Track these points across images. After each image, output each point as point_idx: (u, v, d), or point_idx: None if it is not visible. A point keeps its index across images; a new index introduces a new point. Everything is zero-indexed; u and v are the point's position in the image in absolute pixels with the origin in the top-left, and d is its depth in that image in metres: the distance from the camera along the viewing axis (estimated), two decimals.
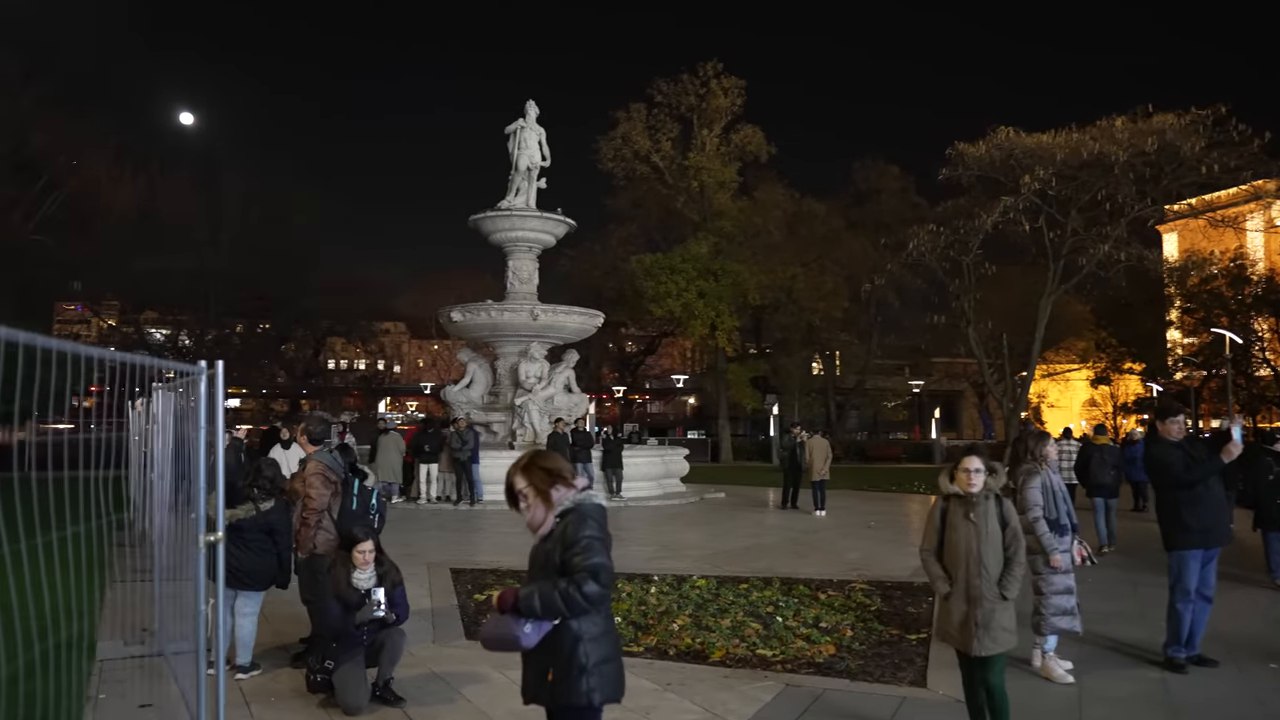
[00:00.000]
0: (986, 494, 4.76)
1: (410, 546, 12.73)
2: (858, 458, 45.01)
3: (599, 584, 3.08)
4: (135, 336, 43.40)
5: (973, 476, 4.74)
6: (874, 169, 47.71)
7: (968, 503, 4.76)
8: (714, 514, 17.46)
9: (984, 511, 4.74)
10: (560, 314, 21.15)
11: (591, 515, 3.23)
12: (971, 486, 4.74)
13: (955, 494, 4.83)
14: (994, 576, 4.71)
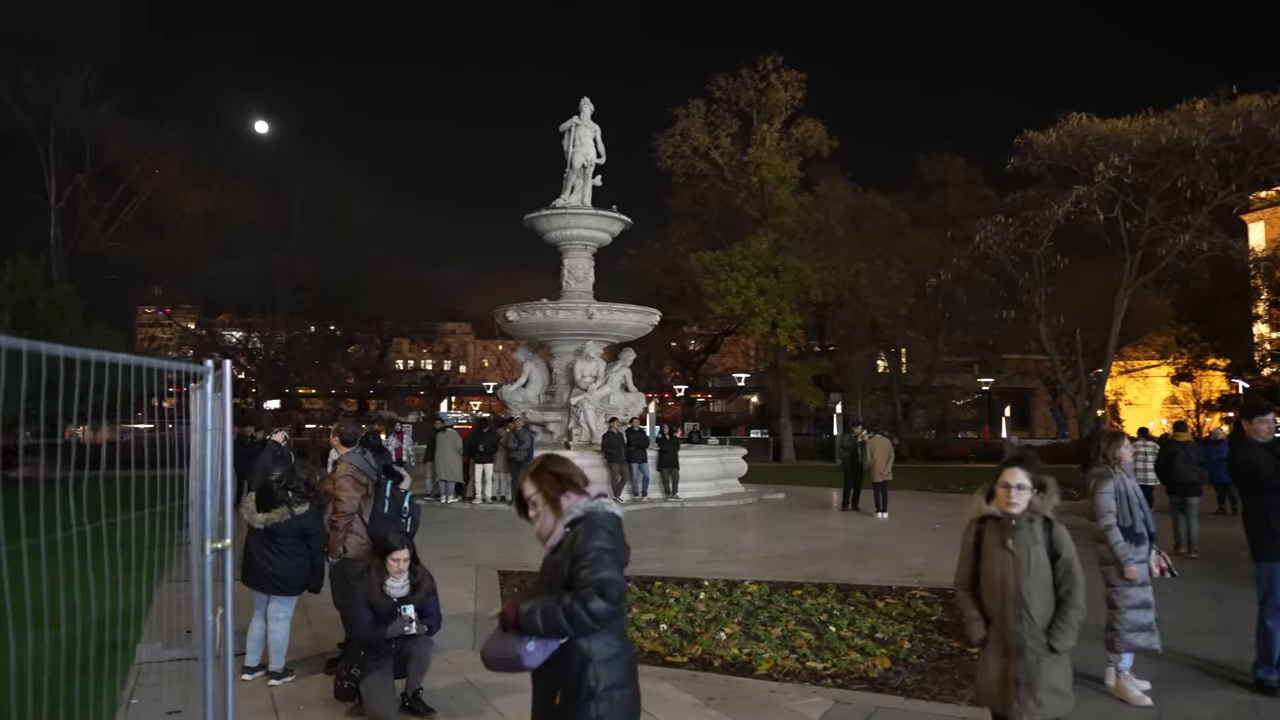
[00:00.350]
0: (1031, 516, 3.88)
1: (461, 547, 12.63)
2: (924, 457, 43.86)
3: (606, 600, 2.81)
4: (209, 339, 44.57)
5: (1013, 494, 3.85)
6: (939, 161, 46.47)
7: (1005, 527, 3.89)
8: (772, 515, 17.05)
9: (1026, 538, 3.85)
10: (616, 312, 20.92)
11: (603, 525, 2.97)
12: (1011, 506, 3.85)
13: (992, 515, 3.97)
14: (1040, 622, 3.81)
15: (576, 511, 3.01)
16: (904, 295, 40.01)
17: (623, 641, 3.00)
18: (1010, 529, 3.90)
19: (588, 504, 3.03)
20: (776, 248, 39.48)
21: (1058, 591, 3.86)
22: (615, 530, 2.99)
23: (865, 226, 42.68)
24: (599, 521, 2.97)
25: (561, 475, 3.09)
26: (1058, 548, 3.89)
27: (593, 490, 3.09)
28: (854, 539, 13.58)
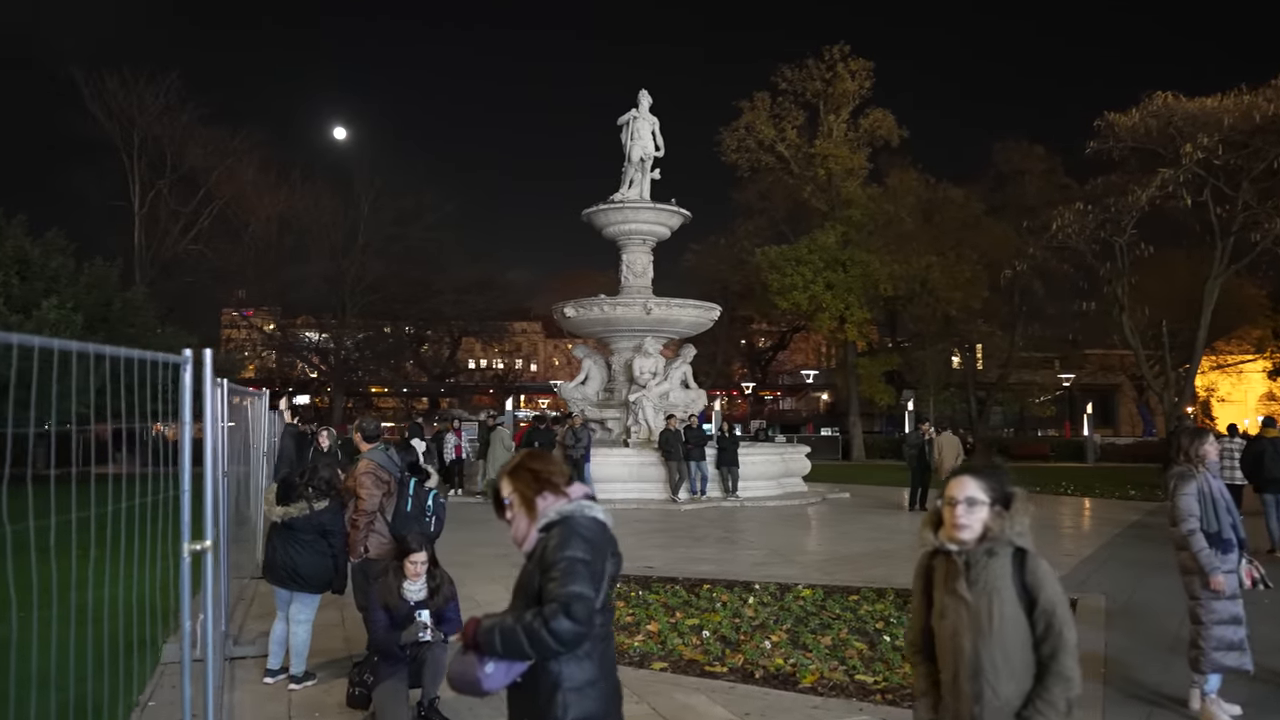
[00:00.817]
0: (992, 548, 2.68)
1: (503, 546, 12.39)
2: (1001, 456, 42.42)
3: (572, 620, 2.43)
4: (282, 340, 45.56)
5: (961, 514, 2.69)
6: (1016, 150, 44.78)
7: (954, 565, 2.73)
8: (834, 516, 16.46)
9: (986, 580, 2.66)
10: (674, 307, 20.53)
11: (581, 531, 2.60)
12: (959, 531, 2.70)
13: (942, 549, 2.80)
14: (1009, 700, 2.63)
15: (551, 515, 2.65)
16: (978, 288, 38.73)
17: (602, 666, 2.62)
18: (961, 568, 2.71)
19: (565, 507, 2.66)
20: (844, 241, 38.61)
21: (1037, 653, 2.64)
22: (596, 537, 2.61)
23: (937, 218, 41.47)
24: (577, 527, 2.60)
25: (540, 473, 2.74)
26: (1034, 590, 2.65)
27: (575, 491, 2.73)
28: None
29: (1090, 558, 11.53)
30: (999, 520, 2.70)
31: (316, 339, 43.26)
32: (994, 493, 2.72)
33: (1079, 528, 15.84)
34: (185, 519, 3.55)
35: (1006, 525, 2.69)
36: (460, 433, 19.72)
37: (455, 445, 19.32)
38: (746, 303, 47.85)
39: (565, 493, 2.71)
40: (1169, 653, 6.69)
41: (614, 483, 17.98)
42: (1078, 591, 9.20)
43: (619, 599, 8.70)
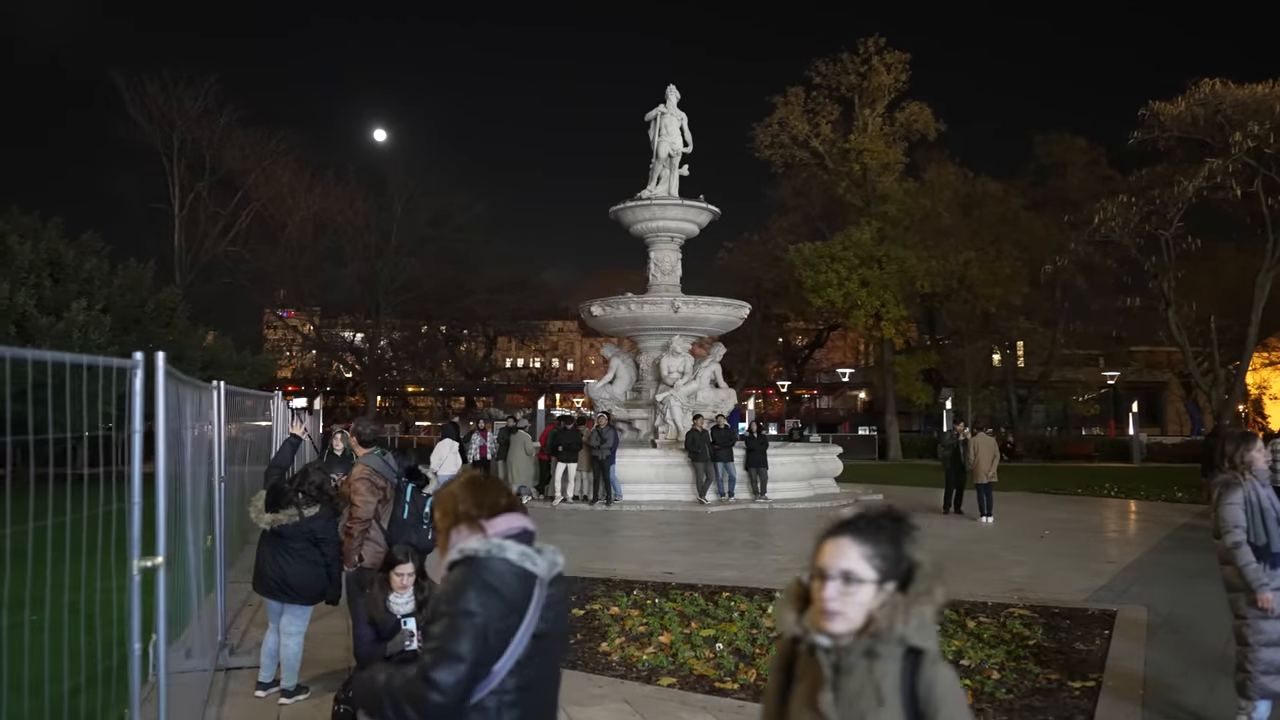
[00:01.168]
0: (874, 647, 1.85)
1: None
2: (1042, 456, 41.44)
3: (435, 690, 2.00)
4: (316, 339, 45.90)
5: (831, 595, 1.85)
6: (1058, 142, 43.69)
7: (819, 667, 1.88)
8: None
9: (861, 694, 1.84)
10: (703, 305, 20.18)
11: (485, 578, 2.12)
12: (828, 621, 1.85)
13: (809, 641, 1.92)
14: None
15: (454, 553, 2.22)
16: (1018, 284, 37.86)
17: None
18: (827, 673, 1.86)
19: (473, 544, 2.20)
20: (880, 237, 37.93)
21: None
22: (506, 587, 2.11)
23: (976, 213, 40.61)
24: (481, 572, 2.13)
25: (459, 500, 2.31)
26: (928, 712, 1.82)
27: (496, 525, 2.24)
28: (952, 546, 12.49)
29: (1132, 565, 11.01)
30: (890, 607, 1.81)
31: (351, 339, 43.51)
32: (885, 564, 1.84)
33: (1122, 532, 15.26)
34: (134, 534, 3.32)
35: (899, 615, 1.81)
36: (486, 433, 19.55)
37: (480, 446, 19.17)
38: (781, 301, 47.32)
39: (482, 526, 2.23)
40: (1215, 672, 6.26)
41: (640, 484, 17.70)
42: (1118, 602, 8.74)
43: (635, 608, 8.42)
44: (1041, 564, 11.02)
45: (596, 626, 7.79)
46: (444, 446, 14.53)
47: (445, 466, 14.30)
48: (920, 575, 1.88)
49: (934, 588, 1.89)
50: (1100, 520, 16.20)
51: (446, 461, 14.35)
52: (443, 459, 14.38)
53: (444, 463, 14.34)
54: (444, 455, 14.40)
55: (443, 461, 14.37)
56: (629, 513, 16.40)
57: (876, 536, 1.90)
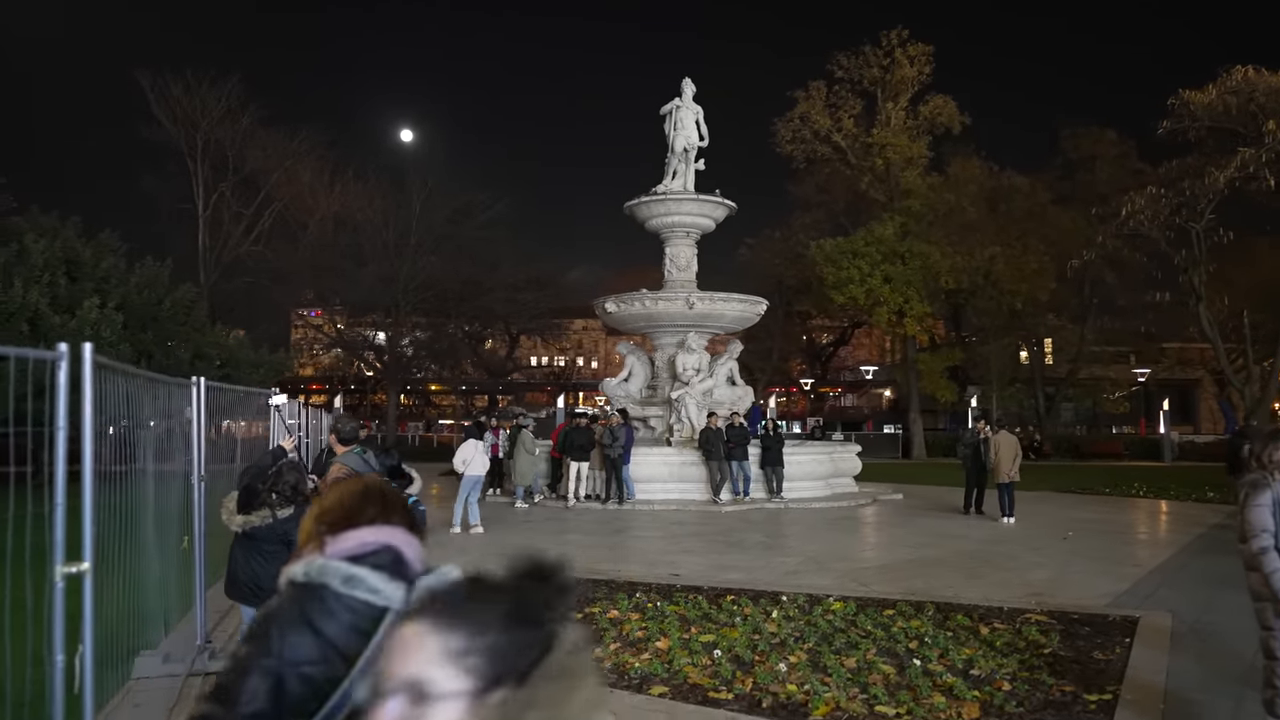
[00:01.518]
0: None
1: (529, 550, 11.90)
2: (1071, 454, 40.71)
3: None
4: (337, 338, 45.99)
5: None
6: (1085, 136, 42.86)
7: None
8: (883, 519, 15.64)
9: None
10: (718, 302, 19.85)
11: (305, 608, 1.65)
12: None
13: None
14: None
15: (290, 573, 1.74)
16: (1045, 280, 37.17)
17: None
18: None
19: (302, 566, 1.71)
20: (903, 232, 37.37)
21: None
22: (328, 620, 1.63)
23: (1001, 208, 39.94)
24: (303, 600, 1.66)
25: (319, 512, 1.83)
26: None
27: (342, 543, 1.73)
28: (970, 547, 12.10)
29: (1159, 568, 10.57)
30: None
31: (372, 337, 43.58)
32: (490, 661, 1.05)
33: (1151, 533, 14.77)
34: (57, 538, 3.08)
35: None
36: (498, 431, 19.27)
37: (493, 444, 18.89)
38: (803, 298, 46.80)
39: (324, 543, 1.74)
40: (1242, 686, 5.87)
41: (654, 483, 17.43)
42: (1141, 607, 8.34)
43: (635, 611, 8.15)
44: (1063, 567, 10.61)
45: (592, 631, 7.52)
46: (468, 447, 14.22)
47: (471, 467, 14.00)
48: (555, 668, 1.07)
49: (562, 695, 1.06)
50: (1127, 521, 15.70)
51: (473, 462, 14.02)
52: (467, 460, 14.05)
53: (469, 464, 14.01)
54: (468, 456, 14.05)
55: (467, 463, 14.04)
56: (641, 512, 16.13)
57: (480, 618, 1.09)
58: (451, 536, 13.54)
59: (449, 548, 11.95)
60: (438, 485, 22.53)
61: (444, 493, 18.89)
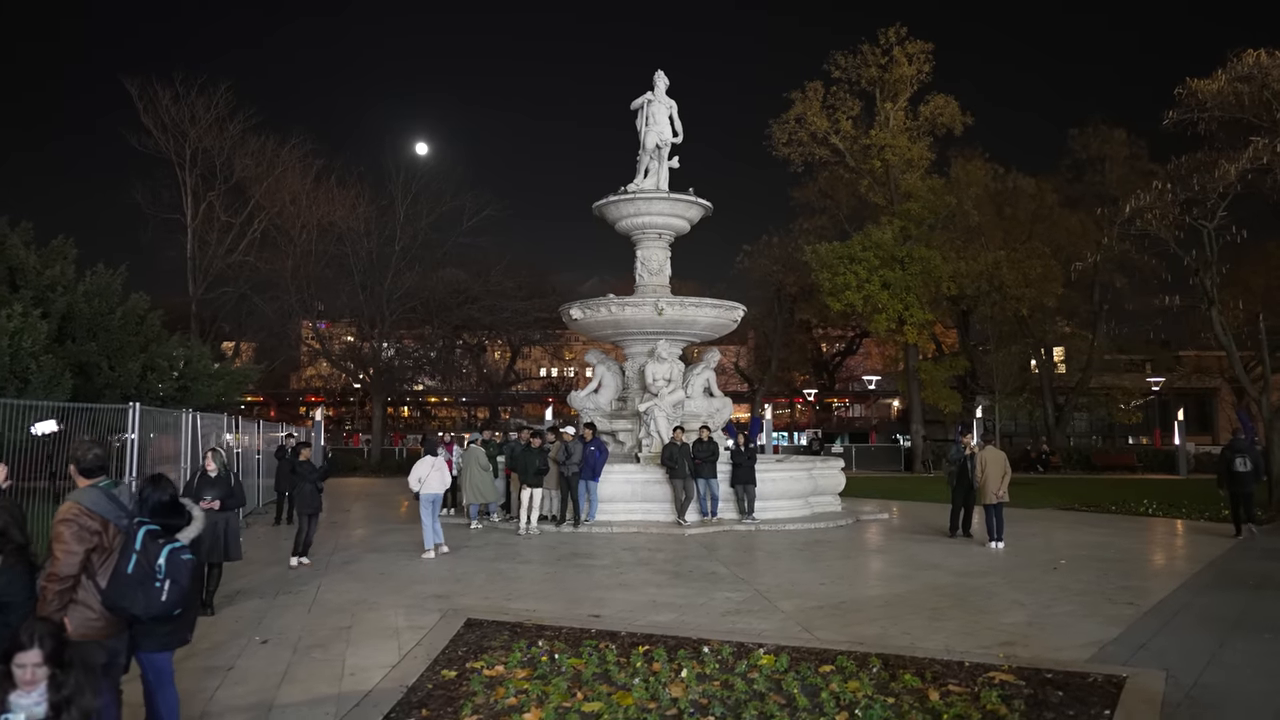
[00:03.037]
0: None
1: (459, 583, 10.63)
2: (1081, 467, 39.13)
3: None
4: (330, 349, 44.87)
5: None
6: (1095, 135, 41.51)
7: None
8: (858, 543, 14.24)
9: None
10: (689, 307, 18.53)
11: None
12: None
13: None
14: None
15: None
16: (1052, 285, 35.70)
17: None
18: None
19: None
20: (903, 236, 35.95)
21: None
22: None
23: (1007, 211, 38.57)
24: None
25: None
26: None
27: None
28: (945, 580, 10.71)
29: (1157, 608, 9.16)
30: None
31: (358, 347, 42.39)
32: None
33: (1150, 561, 13.31)
34: None
35: None
36: (452, 448, 17.96)
37: (447, 460, 17.51)
38: (805, 305, 45.49)
39: None
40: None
41: (616, 503, 16.12)
42: (1131, 662, 6.96)
43: (525, 666, 6.84)
44: (1047, 605, 9.21)
45: (455, 695, 6.22)
46: (423, 464, 13.10)
47: (427, 485, 12.95)
48: None
49: None
50: (1130, 545, 14.23)
51: (428, 480, 12.95)
52: (421, 477, 12.99)
53: (425, 481, 12.96)
54: (423, 473, 13.00)
55: (422, 480, 12.97)
56: (597, 536, 14.81)
57: None
58: (424, 561, 12.32)
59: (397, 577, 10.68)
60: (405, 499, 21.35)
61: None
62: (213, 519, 8.70)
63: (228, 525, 8.70)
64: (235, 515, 8.91)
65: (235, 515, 8.91)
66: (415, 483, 13.00)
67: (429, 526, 12.73)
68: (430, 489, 12.92)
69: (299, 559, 11.50)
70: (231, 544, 8.76)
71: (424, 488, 12.90)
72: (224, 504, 8.71)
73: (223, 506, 8.71)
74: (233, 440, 17.38)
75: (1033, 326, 40.82)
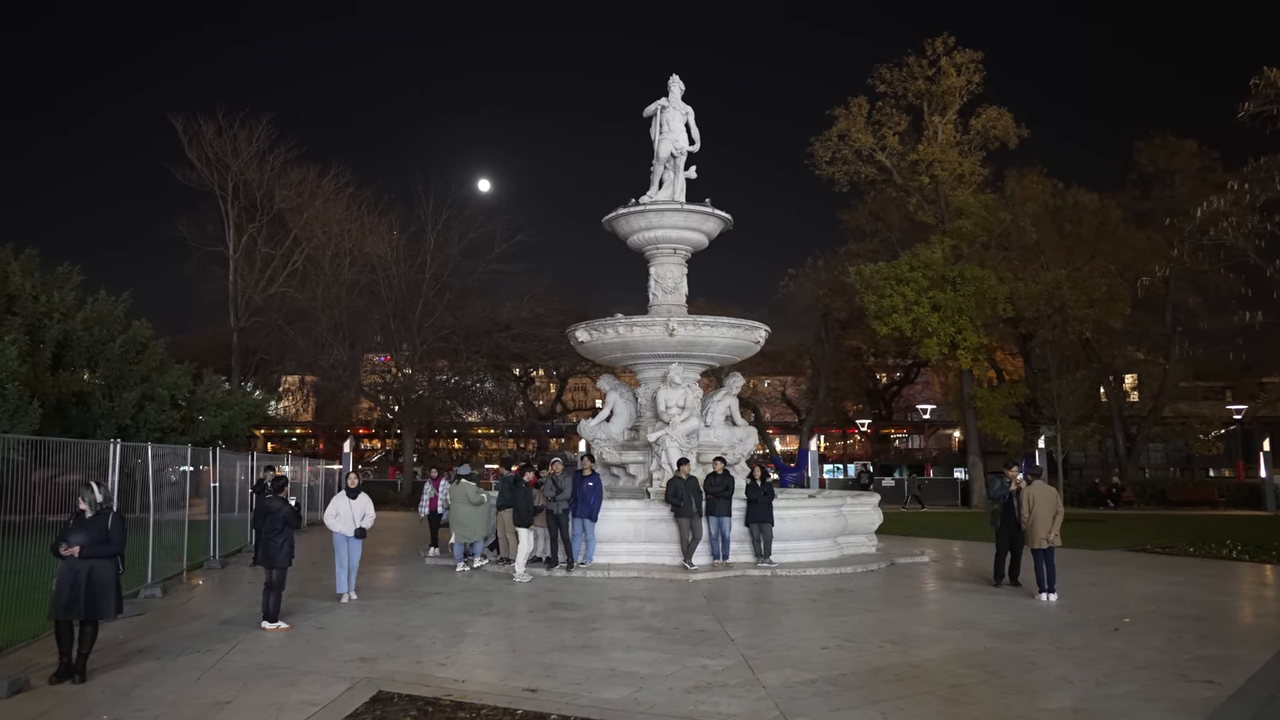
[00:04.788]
0: None
1: (389, 640, 9.12)
2: (1156, 502, 36.19)
3: None
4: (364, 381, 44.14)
5: None
6: (1162, 147, 38.83)
7: None
8: (884, 593, 12.32)
9: None
10: (704, 327, 16.88)
11: None
12: None
13: None
14: None
15: None
16: (1118, 305, 33.11)
17: None
18: None
19: None
20: (955, 255, 33.82)
21: None
22: None
23: (1067, 228, 36.09)
24: None
25: None
26: None
27: None
28: (978, 645, 8.84)
29: (1247, 688, 7.20)
30: None
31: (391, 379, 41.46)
32: None
33: (1235, 619, 11.15)
34: None
35: None
36: (438, 483, 16.48)
37: (431, 498, 16.09)
38: (854, 331, 43.36)
39: None
40: None
41: (617, 543, 14.50)
42: None
43: None
44: (1101, 683, 7.31)
45: None
46: (339, 500, 11.76)
47: (339, 523, 11.59)
48: None
49: None
50: (1210, 598, 12.08)
51: (341, 517, 11.60)
52: (339, 513, 11.64)
53: (340, 517, 11.61)
54: (340, 509, 11.66)
55: (339, 515, 11.63)
56: (591, 581, 13.18)
57: None
58: (334, 609, 10.95)
59: (334, 633, 9.22)
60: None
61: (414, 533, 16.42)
62: (74, 568, 7.36)
63: (91, 576, 7.30)
64: (109, 564, 7.50)
65: (109, 564, 7.50)
66: (331, 519, 11.75)
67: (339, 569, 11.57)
68: (340, 527, 11.60)
69: (272, 624, 9.72)
70: (100, 598, 7.36)
71: (337, 524, 11.62)
72: (88, 551, 7.33)
73: (88, 554, 7.33)
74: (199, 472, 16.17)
75: (1100, 350, 38.10)
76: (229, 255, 41.72)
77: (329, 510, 11.82)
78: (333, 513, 11.74)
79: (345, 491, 11.79)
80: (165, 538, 13.16)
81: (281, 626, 9.66)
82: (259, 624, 9.69)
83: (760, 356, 46.99)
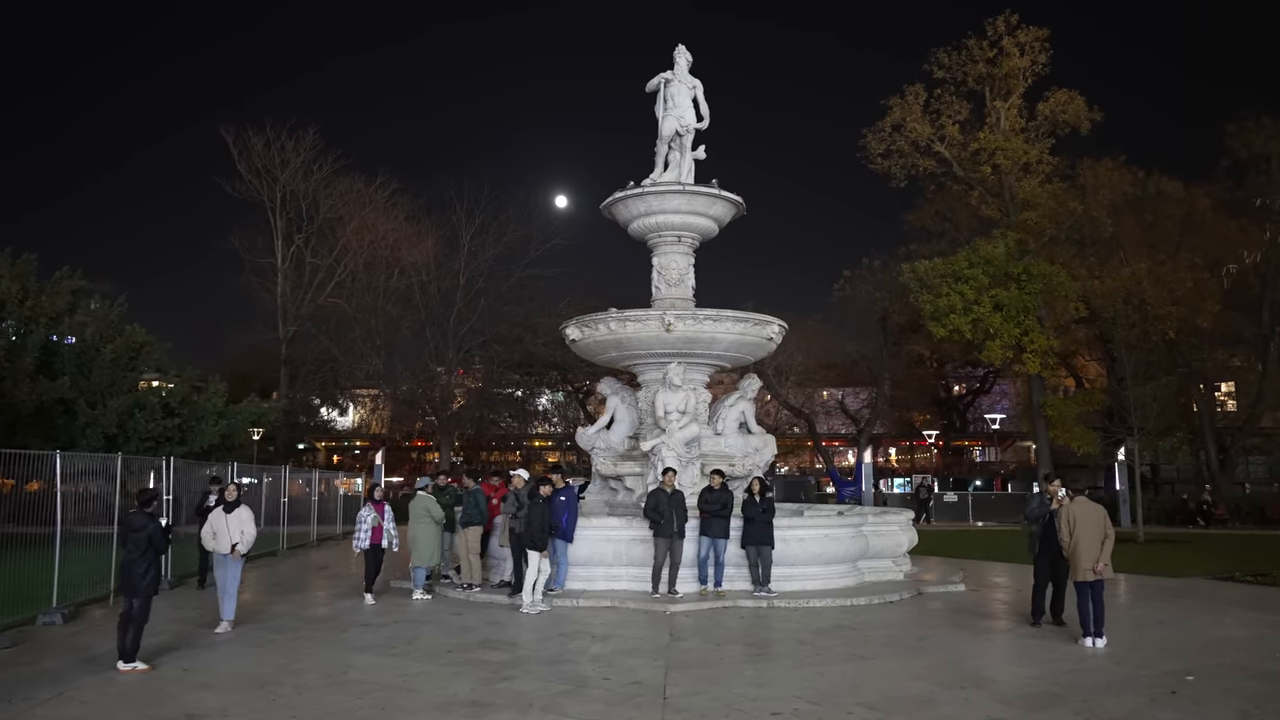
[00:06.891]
0: None
1: (247, 688, 7.47)
2: (1253, 520, 32.60)
3: None
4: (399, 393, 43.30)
5: None
6: (1256, 131, 35.27)
7: None
8: (891, 632, 10.14)
9: None
10: (704, 321, 14.90)
11: None
12: None
13: None
14: None
15: None
16: (1206, 302, 29.91)
17: None
18: None
19: None
20: (1020, 250, 31.09)
21: None
22: None
23: (1148, 219, 32.97)
24: None
25: None
26: None
27: None
28: (981, 713, 6.74)
29: None
30: None
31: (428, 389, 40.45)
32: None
33: None
34: None
35: None
36: (382, 507, 13.87)
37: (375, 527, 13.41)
38: (914, 335, 40.69)
39: None
40: None
41: (594, 566, 12.68)
42: None
43: None
44: None
45: None
46: (216, 517, 10.39)
47: (219, 542, 10.26)
48: None
49: None
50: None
51: (220, 536, 10.21)
52: (216, 532, 10.27)
53: (218, 537, 10.25)
54: (218, 528, 10.28)
55: (216, 535, 10.26)
56: (552, 612, 11.34)
57: None
58: (216, 644, 9.46)
59: (184, 682, 7.65)
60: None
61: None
62: None
63: None
64: None
65: None
66: (209, 539, 10.40)
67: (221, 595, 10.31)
68: (221, 547, 10.26)
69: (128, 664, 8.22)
70: None
71: (216, 544, 10.30)
72: None
73: None
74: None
75: (1187, 354, 34.70)
76: (277, 266, 41.40)
77: (205, 529, 10.41)
78: (209, 532, 10.32)
79: (223, 506, 10.32)
80: (86, 556, 11.88)
81: (139, 667, 8.11)
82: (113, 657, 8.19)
83: (815, 365, 44.79)
